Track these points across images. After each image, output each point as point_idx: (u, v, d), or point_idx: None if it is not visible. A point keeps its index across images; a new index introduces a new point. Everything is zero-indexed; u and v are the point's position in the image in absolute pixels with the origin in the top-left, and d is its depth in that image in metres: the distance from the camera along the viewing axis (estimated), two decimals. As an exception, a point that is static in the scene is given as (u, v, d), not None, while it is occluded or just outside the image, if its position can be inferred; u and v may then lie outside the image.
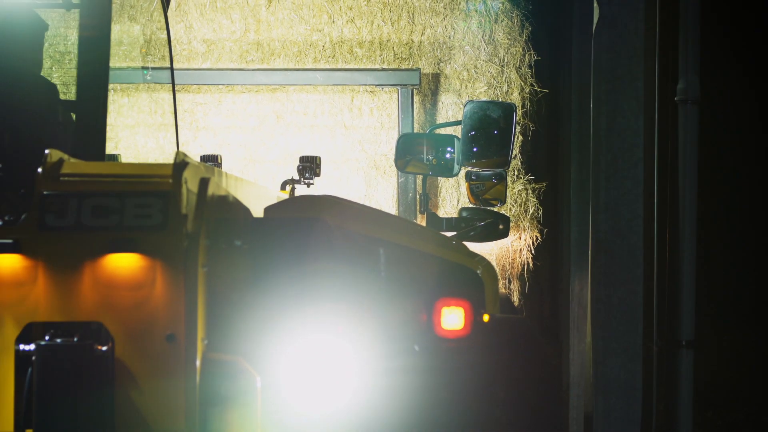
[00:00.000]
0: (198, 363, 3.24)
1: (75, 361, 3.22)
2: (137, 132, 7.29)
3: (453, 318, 3.66)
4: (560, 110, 8.89)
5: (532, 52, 7.74)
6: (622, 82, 5.85)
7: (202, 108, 7.69)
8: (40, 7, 4.82)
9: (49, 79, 5.13)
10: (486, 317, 3.61)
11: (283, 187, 5.68)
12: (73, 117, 4.46)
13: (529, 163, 7.87)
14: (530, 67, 7.78)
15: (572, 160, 8.26)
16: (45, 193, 3.24)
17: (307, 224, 3.78)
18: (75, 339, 3.22)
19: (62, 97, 4.90)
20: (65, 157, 3.37)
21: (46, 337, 3.22)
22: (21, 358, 3.23)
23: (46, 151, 3.31)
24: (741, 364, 11.26)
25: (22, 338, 3.21)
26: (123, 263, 3.27)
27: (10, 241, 3.22)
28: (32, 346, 3.19)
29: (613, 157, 5.61)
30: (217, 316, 3.41)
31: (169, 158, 4.29)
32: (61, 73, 6.97)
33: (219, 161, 5.41)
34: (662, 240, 5.71)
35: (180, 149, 5.40)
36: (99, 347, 3.21)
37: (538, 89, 7.76)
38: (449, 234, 5.11)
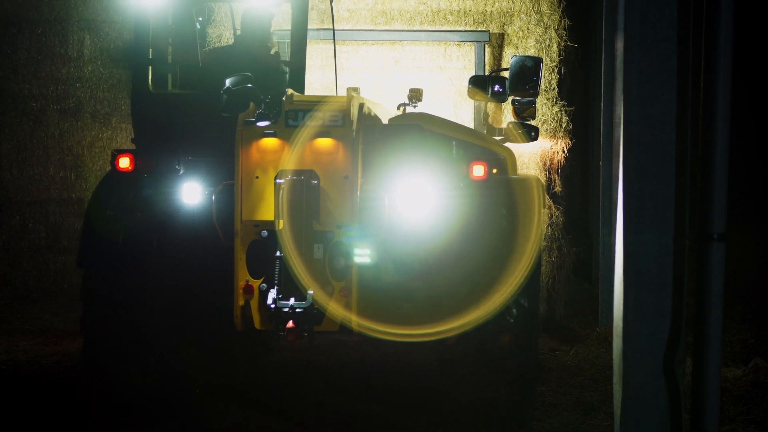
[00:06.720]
0: (359, 191, 5.22)
1: (302, 187, 5.07)
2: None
3: (478, 170, 5.48)
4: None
5: (567, 19, 8.63)
6: None
7: (345, 55, 8.71)
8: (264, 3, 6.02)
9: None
10: (495, 170, 5.45)
11: (398, 108, 6.64)
12: (287, 70, 6.03)
13: (565, 92, 8.81)
14: (565, 29, 8.66)
15: (603, 51, 8.50)
16: (287, 109, 5.22)
17: (412, 127, 5.62)
18: (302, 177, 5.11)
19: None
20: (295, 93, 5.34)
21: (289, 176, 5.15)
22: (277, 186, 5.16)
23: (287, 90, 5.24)
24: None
25: (277, 176, 5.17)
26: (324, 142, 5.21)
27: (272, 131, 5.17)
28: (282, 180, 5.15)
29: (647, 49, 4.89)
30: (367, 168, 5.30)
31: (332, 89, 6.53)
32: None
33: (358, 92, 5.60)
34: (695, 132, 5.01)
35: (338, 84, 7.00)
36: (313, 181, 5.12)
37: (570, 44, 8.67)
38: (499, 138, 6.33)
